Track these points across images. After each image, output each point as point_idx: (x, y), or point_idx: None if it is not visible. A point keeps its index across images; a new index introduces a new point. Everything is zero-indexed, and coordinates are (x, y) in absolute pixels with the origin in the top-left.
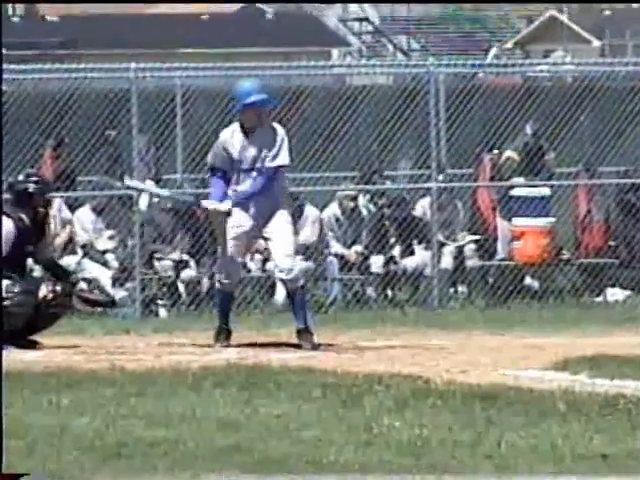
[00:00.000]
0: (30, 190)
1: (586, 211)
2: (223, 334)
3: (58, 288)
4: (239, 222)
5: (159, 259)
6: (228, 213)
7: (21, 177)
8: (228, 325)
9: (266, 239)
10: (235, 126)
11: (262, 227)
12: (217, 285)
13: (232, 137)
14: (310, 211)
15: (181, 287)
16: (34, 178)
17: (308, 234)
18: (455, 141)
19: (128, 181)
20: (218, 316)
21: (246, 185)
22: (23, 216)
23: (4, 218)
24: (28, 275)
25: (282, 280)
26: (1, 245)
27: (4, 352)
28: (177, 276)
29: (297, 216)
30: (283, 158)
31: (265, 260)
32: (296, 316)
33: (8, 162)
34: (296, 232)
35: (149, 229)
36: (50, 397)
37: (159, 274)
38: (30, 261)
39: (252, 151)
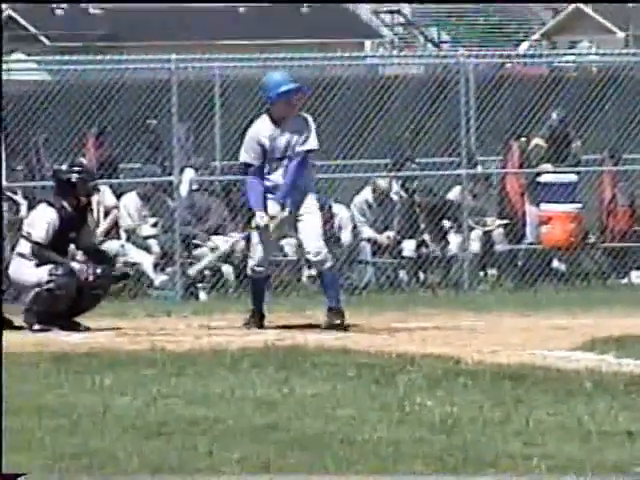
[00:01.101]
0: (73, 180)
1: (611, 196)
2: (256, 317)
3: (99, 271)
4: (270, 211)
5: (196, 246)
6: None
7: (65, 167)
8: (262, 309)
9: (297, 222)
10: (264, 118)
11: (293, 213)
12: (249, 272)
13: (263, 129)
14: (339, 210)
15: (226, 269)
16: (77, 168)
17: (348, 239)
18: (484, 129)
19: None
20: (252, 301)
21: (278, 174)
22: (65, 204)
23: (47, 207)
24: (70, 260)
25: (311, 261)
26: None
27: (50, 333)
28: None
29: (328, 217)
30: (312, 143)
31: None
32: (327, 295)
33: (52, 150)
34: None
35: (187, 214)
36: (93, 377)
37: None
38: (72, 247)
39: (283, 140)
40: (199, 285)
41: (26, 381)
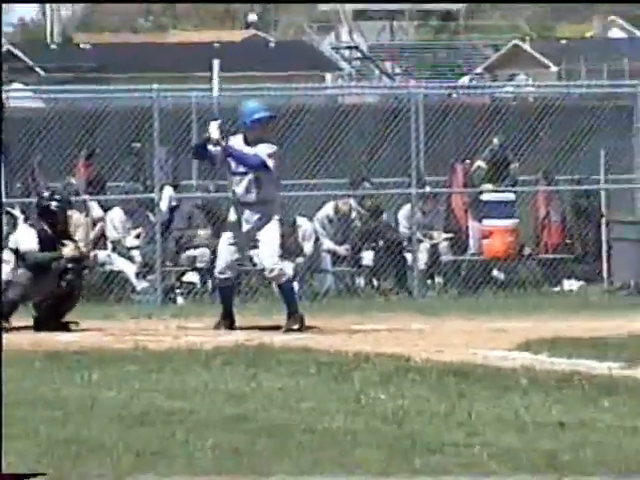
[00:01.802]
0: (52, 207)
1: (545, 213)
2: (226, 321)
3: (77, 253)
4: (235, 229)
5: (187, 248)
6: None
7: (46, 194)
8: (231, 314)
9: (256, 241)
10: (238, 136)
11: (254, 230)
12: (215, 281)
13: (235, 142)
14: (303, 223)
15: (196, 277)
16: (57, 196)
17: (310, 250)
18: (432, 152)
19: None
20: (222, 306)
21: (242, 187)
22: (45, 227)
23: (29, 227)
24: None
25: (268, 277)
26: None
27: (44, 334)
28: (194, 267)
29: (292, 230)
30: (269, 161)
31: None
32: (285, 303)
33: (46, 170)
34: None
35: (179, 219)
36: (82, 373)
37: (180, 265)
38: None
39: None
40: (177, 291)
41: (23, 377)
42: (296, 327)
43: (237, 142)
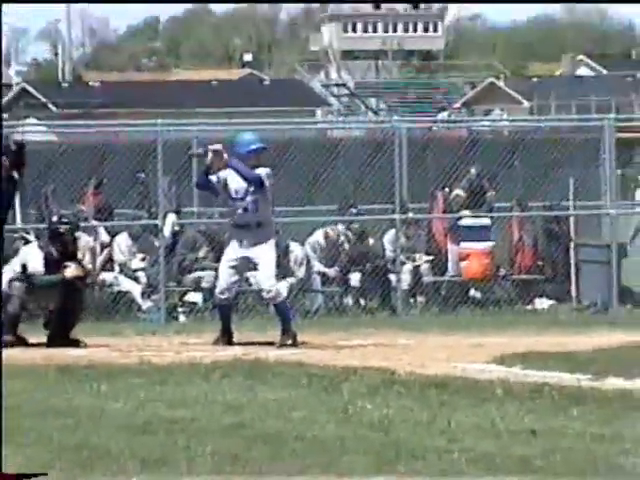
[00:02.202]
0: (60, 230)
1: (519, 237)
2: (225, 337)
3: (80, 273)
4: (233, 252)
5: (189, 271)
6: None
7: (55, 218)
8: (229, 330)
9: (254, 263)
10: None
11: (252, 253)
12: (216, 300)
13: (232, 175)
14: (295, 248)
15: (198, 297)
16: (65, 220)
17: (302, 273)
18: (415, 181)
19: None
20: (221, 323)
21: (241, 210)
22: (52, 250)
23: (37, 249)
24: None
25: (265, 298)
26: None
27: (55, 349)
28: (197, 288)
29: (284, 254)
30: (265, 182)
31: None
32: (280, 321)
33: (59, 197)
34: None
35: (182, 243)
36: (91, 385)
37: (183, 285)
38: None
39: (244, 184)
40: (179, 309)
41: (36, 388)
42: (289, 343)
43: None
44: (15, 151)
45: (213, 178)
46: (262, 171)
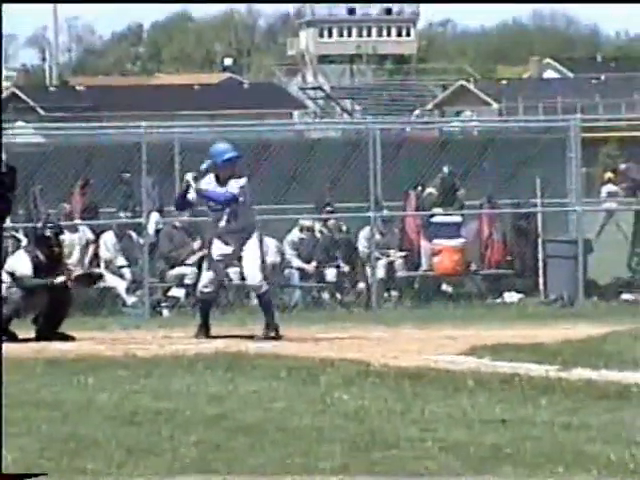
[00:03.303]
0: (46, 234)
1: (488, 233)
2: (203, 330)
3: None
4: (221, 248)
5: (172, 267)
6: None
7: (40, 224)
8: (208, 324)
9: (240, 258)
10: (210, 176)
11: (237, 250)
12: (198, 294)
13: (207, 183)
14: (269, 241)
15: (181, 293)
16: (49, 224)
17: (273, 258)
18: (389, 180)
19: None
20: (200, 317)
21: (223, 220)
22: (39, 254)
23: (24, 254)
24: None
25: (249, 287)
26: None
27: (44, 343)
28: (180, 284)
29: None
30: (241, 196)
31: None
32: (263, 313)
33: (47, 197)
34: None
35: (166, 242)
36: (79, 377)
37: (166, 281)
38: None
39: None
40: (163, 304)
41: (25, 381)
42: (273, 334)
43: (209, 181)
44: (6, 172)
45: (190, 196)
46: (236, 184)
